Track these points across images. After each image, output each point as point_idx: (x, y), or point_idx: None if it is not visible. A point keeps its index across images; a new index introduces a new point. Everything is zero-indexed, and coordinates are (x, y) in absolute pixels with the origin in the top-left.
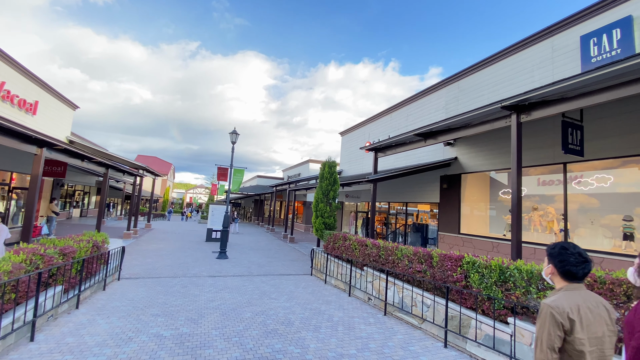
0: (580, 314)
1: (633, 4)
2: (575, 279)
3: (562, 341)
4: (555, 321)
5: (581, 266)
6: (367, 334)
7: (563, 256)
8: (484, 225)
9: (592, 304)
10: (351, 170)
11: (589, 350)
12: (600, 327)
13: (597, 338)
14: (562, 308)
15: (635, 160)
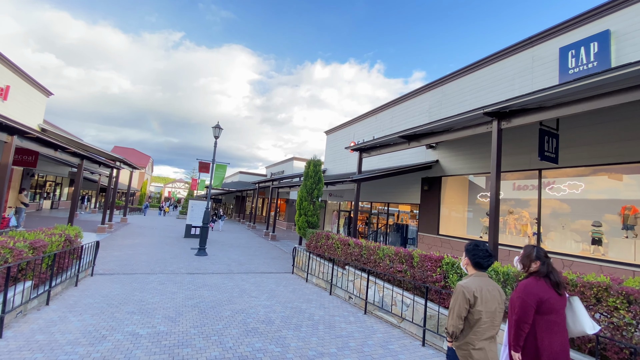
0: (482, 293)
1: (611, 19)
2: (482, 269)
3: (467, 312)
4: (465, 297)
5: (487, 259)
6: (348, 332)
7: (475, 252)
8: (462, 227)
9: (491, 287)
10: (335, 169)
11: (484, 320)
12: (493, 304)
13: (491, 312)
14: (470, 288)
15: (605, 169)
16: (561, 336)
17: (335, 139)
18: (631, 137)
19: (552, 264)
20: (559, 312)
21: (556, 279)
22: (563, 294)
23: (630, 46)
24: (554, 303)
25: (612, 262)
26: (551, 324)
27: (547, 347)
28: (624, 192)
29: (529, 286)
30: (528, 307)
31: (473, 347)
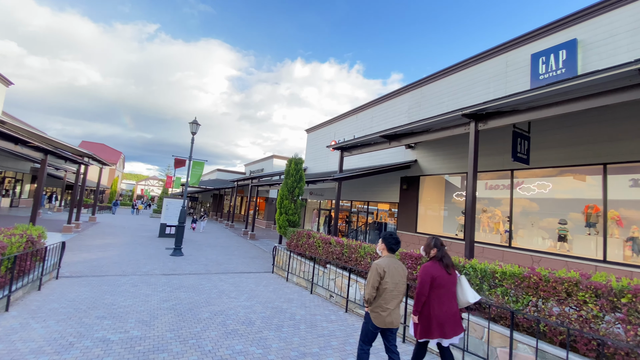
0: (389, 269)
1: (579, 29)
2: (392, 252)
3: (379, 283)
4: (377, 272)
5: (396, 245)
6: (329, 331)
7: (389, 240)
8: (438, 225)
9: (397, 265)
10: (316, 167)
11: (391, 289)
12: (398, 277)
13: (395, 283)
14: (382, 265)
15: (571, 170)
16: (449, 304)
17: (316, 138)
18: (594, 140)
19: (445, 251)
20: (448, 287)
21: (446, 262)
22: (452, 273)
23: (595, 55)
24: (443, 280)
25: (576, 257)
26: (441, 296)
27: (436, 312)
28: (587, 192)
29: (426, 267)
30: (425, 283)
31: (382, 309)
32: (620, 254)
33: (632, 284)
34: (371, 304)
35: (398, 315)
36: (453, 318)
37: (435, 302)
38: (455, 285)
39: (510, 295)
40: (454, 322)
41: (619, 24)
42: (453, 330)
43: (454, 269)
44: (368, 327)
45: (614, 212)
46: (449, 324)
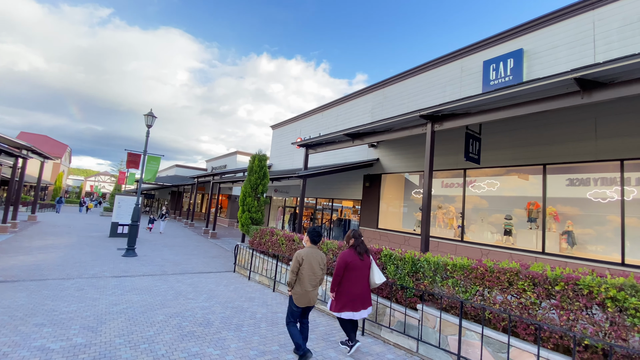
0: (308, 257)
1: (525, 39)
2: (314, 243)
3: (298, 269)
4: (297, 260)
5: (318, 238)
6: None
7: (312, 233)
8: (398, 221)
9: (316, 254)
10: (281, 164)
11: (308, 274)
12: (315, 264)
13: (312, 269)
14: (302, 255)
15: (516, 169)
16: (360, 285)
17: (282, 134)
18: (536, 143)
19: (360, 241)
20: (360, 270)
21: (359, 250)
22: (365, 259)
23: (538, 64)
24: (356, 264)
25: (519, 250)
26: (353, 278)
27: (349, 291)
28: (530, 190)
29: (343, 254)
30: (341, 267)
31: (301, 291)
32: (557, 246)
33: (564, 272)
34: (293, 287)
35: (314, 295)
36: (362, 296)
37: (349, 282)
38: (368, 269)
39: (460, 286)
40: (363, 299)
41: (559, 37)
42: (362, 305)
43: (368, 256)
44: (292, 307)
45: (552, 209)
46: (358, 300)
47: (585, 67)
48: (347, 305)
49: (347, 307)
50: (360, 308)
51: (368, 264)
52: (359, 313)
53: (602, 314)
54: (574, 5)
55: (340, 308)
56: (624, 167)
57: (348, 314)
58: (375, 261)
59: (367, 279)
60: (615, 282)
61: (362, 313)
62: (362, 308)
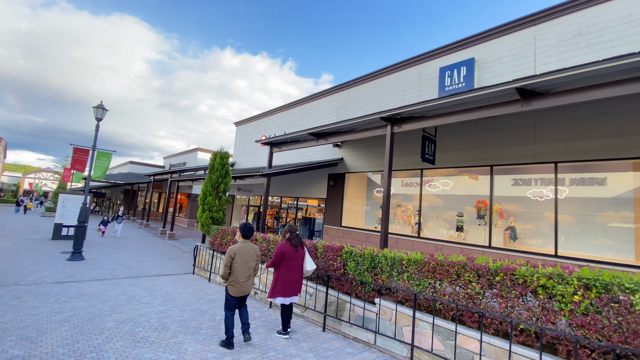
0: (240, 252)
1: (476, 49)
2: (246, 238)
3: (231, 263)
4: (230, 254)
5: (249, 233)
6: (252, 328)
7: (243, 229)
8: (361, 219)
9: (248, 248)
10: (245, 162)
11: (241, 266)
12: (248, 257)
13: (245, 262)
14: (234, 249)
15: (467, 170)
16: (295, 272)
17: (246, 132)
18: (484, 146)
19: (295, 235)
20: (295, 260)
21: (294, 242)
22: (299, 250)
23: (487, 73)
24: (291, 255)
25: (469, 244)
26: (288, 266)
27: (284, 277)
28: (479, 189)
29: (279, 246)
30: (277, 256)
31: (235, 282)
32: (502, 241)
33: (504, 264)
34: (227, 280)
35: (249, 285)
36: (295, 283)
37: (284, 270)
38: (302, 259)
39: (414, 279)
40: (295, 286)
41: (505, 49)
42: (293, 291)
43: (302, 248)
44: (227, 297)
45: (498, 206)
46: (291, 287)
47: (525, 78)
48: (280, 292)
49: (280, 294)
50: (291, 294)
51: (302, 254)
52: (290, 298)
53: (535, 301)
54: (517, 20)
55: (275, 294)
56: (558, 169)
57: (280, 299)
58: (309, 252)
59: (301, 268)
60: (545, 272)
61: (293, 298)
62: (292, 294)
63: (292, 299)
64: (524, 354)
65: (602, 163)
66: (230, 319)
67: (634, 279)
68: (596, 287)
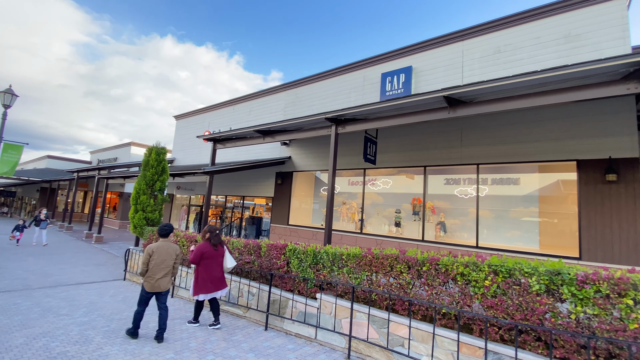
0: (158, 250)
1: (414, 58)
2: (164, 237)
3: (148, 260)
4: (147, 252)
5: (166, 232)
6: (189, 333)
7: (160, 230)
8: (308, 217)
9: (167, 246)
10: (186, 159)
11: (158, 264)
12: (165, 255)
13: (162, 260)
14: (151, 247)
15: (405, 170)
16: (214, 270)
17: (187, 126)
18: (419, 148)
19: (214, 234)
20: (215, 258)
21: (214, 242)
22: (219, 249)
23: (423, 81)
24: (211, 254)
25: (406, 239)
26: (208, 264)
27: (204, 276)
28: (414, 187)
29: (199, 246)
30: (197, 255)
31: (151, 279)
32: (433, 234)
33: (430, 255)
34: (144, 276)
35: (165, 282)
36: (216, 280)
37: (204, 268)
38: (222, 257)
39: (353, 273)
40: (218, 283)
41: (438, 60)
42: (216, 287)
43: (222, 246)
44: (142, 292)
45: (430, 203)
46: (213, 283)
47: (451, 87)
48: (202, 289)
49: (202, 291)
50: (213, 290)
51: (222, 252)
52: (212, 294)
53: (455, 287)
54: (449, 35)
55: (197, 292)
56: (480, 170)
57: (202, 296)
58: (228, 250)
59: (222, 265)
60: (463, 261)
61: (216, 293)
62: (215, 290)
63: (215, 294)
64: (445, 335)
65: (515, 165)
66: (141, 314)
67: (531, 265)
68: (502, 273)
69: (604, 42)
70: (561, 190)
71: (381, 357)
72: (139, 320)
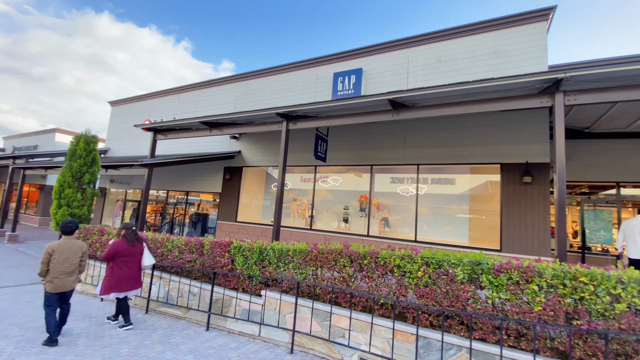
0: (59, 248)
1: (364, 61)
2: (67, 235)
3: (49, 260)
4: (47, 251)
5: (69, 229)
6: (120, 339)
7: (62, 227)
8: (258, 214)
9: (71, 244)
10: (123, 150)
11: (61, 263)
12: (68, 253)
13: (66, 258)
14: (52, 246)
15: (354, 168)
16: (130, 267)
17: (125, 114)
18: (366, 147)
19: (130, 232)
20: (131, 256)
21: (129, 239)
22: (136, 246)
23: (372, 83)
24: (126, 251)
25: (353, 234)
26: (123, 262)
27: (118, 273)
28: (362, 185)
29: (113, 244)
30: (110, 253)
31: (53, 279)
32: (378, 230)
33: (371, 249)
34: (45, 277)
35: (70, 282)
36: (131, 278)
37: (119, 266)
38: (140, 254)
39: (299, 268)
40: (133, 281)
41: (386, 64)
42: (131, 286)
43: (140, 243)
44: (46, 293)
45: (376, 200)
46: (127, 282)
47: (395, 91)
48: (114, 287)
49: (114, 289)
50: (127, 289)
51: (140, 250)
52: (125, 293)
53: (393, 278)
54: (397, 41)
55: (108, 290)
56: (420, 170)
57: (114, 294)
58: (148, 247)
59: (139, 263)
60: (399, 254)
61: (130, 292)
62: (129, 289)
63: (129, 292)
64: (382, 324)
65: (450, 166)
66: (51, 315)
67: (457, 256)
68: (433, 264)
69: (527, 60)
70: (489, 190)
71: (323, 349)
72: (52, 325)
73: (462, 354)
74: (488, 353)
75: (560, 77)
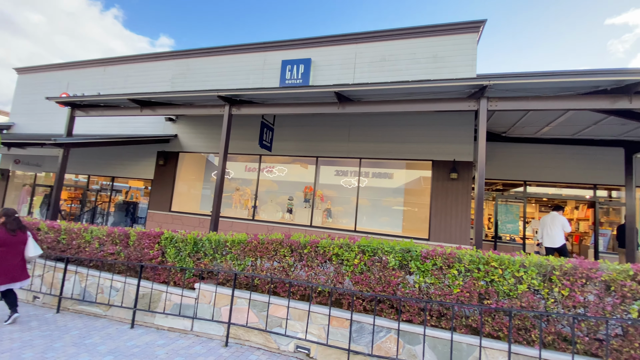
0: None
1: (314, 51)
2: None
3: None
4: None
5: None
6: (23, 342)
7: None
8: (196, 203)
9: None
10: (32, 126)
11: None
12: None
13: None
14: None
15: (299, 159)
16: (13, 259)
17: (36, 84)
18: (312, 139)
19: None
20: (13, 246)
21: (10, 227)
22: (18, 235)
23: (320, 75)
24: (7, 241)
25: (297, 225)
26: (5, 253)
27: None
28: (307, 176)
29: None
30: None
31: None
32: (321, 220)
33: (311, 239)
34: None
35: None
36: (14, 269)
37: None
38: (23, 244)
39: (237, 260)
40: (14, 272)
41: (335, 57)
42: (12, 278)
43: (24, 232)
44: None
45: (320, 192)
46: (8, 274)
47: (341, 85)
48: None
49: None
50: (8, 281)
51: (24, 239)
52: (6, 285)
53: (331, 266)
54: (345, 35)
55: None
56: (362, 163)
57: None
58: (34, 236)
59: (22, 253)
60: (337, 243)
61: (13, 285)
62: (11, 281)
63: (12, 285)
64: (319, 312)
65: (389, 161)
66: None
67: (390, 244)
68: (368, 252)
69: (460, 67)
70: (421, 185)
71: (259, 339)
72: None
73: (391, 335)
74: (413, 333)
75: (485, 84)
